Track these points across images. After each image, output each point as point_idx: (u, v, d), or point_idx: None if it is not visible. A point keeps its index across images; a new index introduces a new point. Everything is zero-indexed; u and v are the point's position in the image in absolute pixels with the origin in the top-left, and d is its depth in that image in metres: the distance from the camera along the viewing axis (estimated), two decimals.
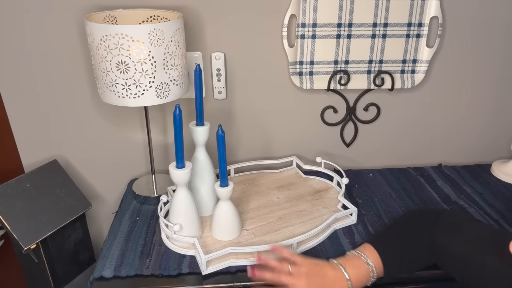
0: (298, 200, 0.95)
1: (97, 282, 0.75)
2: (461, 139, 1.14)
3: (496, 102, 1.10)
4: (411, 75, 1.03)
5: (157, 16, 0.89)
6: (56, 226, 0.92)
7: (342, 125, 1.09)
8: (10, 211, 0.87)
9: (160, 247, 0.82)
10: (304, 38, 0.96)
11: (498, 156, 1.16)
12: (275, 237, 0.82)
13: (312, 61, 0.99)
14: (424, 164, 1.15)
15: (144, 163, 1.09)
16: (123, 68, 0.76)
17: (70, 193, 0.98)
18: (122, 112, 1.02)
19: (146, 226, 0.89)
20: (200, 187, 0.87)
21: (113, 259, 0.79)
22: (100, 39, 0.74)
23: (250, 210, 0.91)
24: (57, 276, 0.98)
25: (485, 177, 1.08)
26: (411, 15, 0.96)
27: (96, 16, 0.84)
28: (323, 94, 1.05)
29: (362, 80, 1.02)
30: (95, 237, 1.14)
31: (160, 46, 0.76)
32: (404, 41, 0.99)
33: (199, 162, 0.86)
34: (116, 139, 1.05)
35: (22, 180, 0.93)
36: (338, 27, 0.96)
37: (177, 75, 0.82)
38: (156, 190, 0.99)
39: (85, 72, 0.97)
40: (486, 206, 0.95)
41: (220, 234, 0.82)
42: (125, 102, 0.79)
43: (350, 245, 0.82)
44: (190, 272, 0.75)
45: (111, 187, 1.11)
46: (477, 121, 1.12)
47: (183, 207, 0.79)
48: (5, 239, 0.99)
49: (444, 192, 1.01)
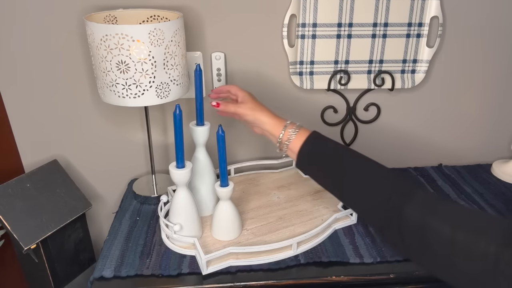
0: (298, 200, 0.95)
1: (97, 282, 0.75)
2: (461, 139, 1.14)
3: (496, 102, 1.10)
4: (411, 75, 1.03)
5: (157, 16, 0.89)
6: (56, 226, 0.92)
7: (342, 125, 1.09)
8: (10, 211, 0.87)
9: (160, 247, 0.82)
10: (304, 38, 0.96)
11: (498, 156, 1.16)
12: (275, 237, 0.82)
13: (312, 61, 0.99)
14: (424, 164, 1.15)
15: (144, 163, 1.09)
16: (123, 68, 0.76)
17: (70, 193, 0.98)
18: (122, 112, 1.02)
19: (146, 226, 0.89)
20: (200, 187, 0.87)
21: (113, 259, 0.79)
22: (100, 39, 0.74)
23: (250, 210, 0.91)
24: (57, 276, 0.98)
25: (486, 177, 1.08)
26: (411, 15, 0.96)
27: (96, 16, 0.84)
28: (323, 94, 1.05)
29: (362, 80, 1.02)
30: (95, 237, 1.14)
31: (160, 46, 0.76)
32: (405, 41, 0.99)
33: (199, 162, 0.86)
34: (116, 139, 1.05)
35: (22, 180, 0.93)
36: (338, 27, 0.96)
37: (177, 75, 0.82)
38: (156, 190, 0.99)
39: (85, 72, 0.97)
40: (487, 206, 0.95)
41: (220, 234, 0.82)
42: (125, 102, 0.79)
43: (350, 245, 0.82)
44: (190, 272, 0.75)
45: (111, 187, 1.11)
46: (477, 121, 1.12)
47: (183, 207, 0.79)
48: (5, 239, 0.99)
49: (445, 192, 1.01)
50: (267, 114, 0.80)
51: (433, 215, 0.61)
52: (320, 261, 0.78)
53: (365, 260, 0.78)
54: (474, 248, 0.56)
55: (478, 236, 0.56)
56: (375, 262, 0.78)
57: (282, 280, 0.75)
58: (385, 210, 0.66)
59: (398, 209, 0.64)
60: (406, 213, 0.63)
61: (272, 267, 0.77)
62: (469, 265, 0.56)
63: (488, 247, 0.54)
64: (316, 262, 0.78)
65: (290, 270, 0.77)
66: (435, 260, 0.60)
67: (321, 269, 0.77)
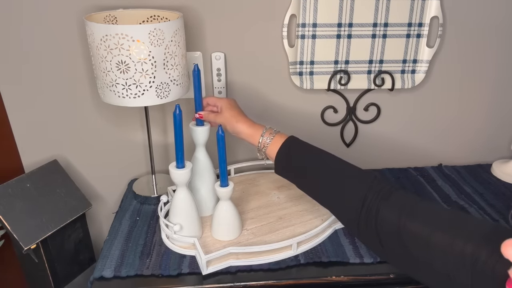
0: (298, 200, 0.95)
1: (97, 282, 0.75)
2: (461, 139, 1.14)
3: (496, 102, 1.10)
4: (411, 75, 1.03)
5: (157, 16, 0.89)
6: (56, 226, 0.92)
7: (342, 125, 1.09)
8: (10, 211, 0.87)
9: (160, 247, 0.82)
10: (304, 38, 0.96)
11: (498, 156, 1.16)
12: (275, 237, 0.82)
13: (312, 61, 0.99)
14: (424, 164, 1.15)
15: (144, 163, 1.09)
16: (123, 68, 0.76)
17: (70, 193, 0.98)
18: (122, 112, 1.02)
19: (146, 226, 0.89)
20: (200, 187, 0.87)
21: (113, 259, 0.79)
22: (100, 39, 0.74)
23: (250, 210, 0.91)
24: (57, 276, 0.98)
25: (486, 177, 1.08)
26: (411, 15, 0.96)
27: (96, 16, 0.84)
28: (323, 94, 1.05)
29: (362, 80, 1.02)
30: (95, 237, 1.14)
31: (160, 46, 0.76)
32: (405, 41, 0.99)
33: (199, 162, 0.86)
34: (116, 139, 1.05)
35: (22, 180, 0.93)
36: (338, 27, 0.96)
37: (177, 75, 0.82)
38: (156, 190, 0.99)
39: (85, 72, 0.97)
40: (487, 206, 0.95)
41: (220, 234, 0.82)
42: (125, 102, 0.79)
43: (350, 245, 0.82)
44: (190, 272, 0.75)
45: (111, 187, 1.11)
46: (477, 121, 1.12)
47: (183, 207, 0.79)
48: (5, 239, 0.99)
49: (445, 192, 1.01)
50: (244, 123, 0.81)
51: (409, 215, 0.61)
52: (320, 261, 0.78)
53: (365, 260, 0.78)
54: (451, 249, 0.55)
55: (455, 236, 0.56)
56: (375, 262, 0.78)
57: (282, 280, 0.75)
58: (362, 211, 0.66)
59: (375, 210, 0.64)
60: (382, 214, 0.63)
61: (272, 267, 0.77)
62: (446, 266, 0.56)
63: (465, 247, 0.54)
64: (316, 262, 0.78)
65: (290, 270, 0.77)
66: (412, 260, 0.60)
67: (321, 269, 0.77)
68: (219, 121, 0.83)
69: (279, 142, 0.77)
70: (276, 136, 0.78)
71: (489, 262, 0.51)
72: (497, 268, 0.50)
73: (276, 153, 0.77)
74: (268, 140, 0.78)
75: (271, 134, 0.79)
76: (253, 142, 0.80)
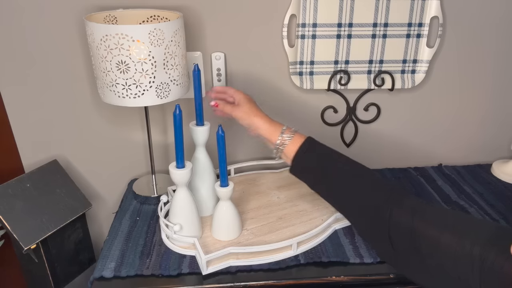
0: (298, 200, 0.95)
1: (97, 282, 0.75)
2: (461, 139, 1.14)
3: (496, 102, 1.10)
4: (411, 75, 1.03)
5: (157, 16, 0.89)
6: (56, 226, 0.92)
7: (342, 125, 1.09)
8: (10, 211, 0.87)
9: (160, 247, 0.82)
10: (304, 38, 0.96)
11: (498, 156, 1.16)
12: (275, 237, 0.82)
13: (312, 61, 0.99)
14: (424, 164, 1.15)
15: (144, 163, 1.09)
16: (123, 68, 0.76)
17: (70, 193, 0.98)
18: (122, 112, 1.02)
19: (146, 226, 0.89)
20: (200, 187, 0.87)
21: (113, 259, 0.79)
22: (100, 39, 0.74)
23: (250, 210, 0.91)
24: (57, 276, 0.98)
25: (486, 177, 1.07)
26: (411, 15, 0.96)
27: (96, 16, 0.84)
28: (323, 94, 1.05)
29: (362, 80, 1.02)
30: (95, 237, 1.14)
31: (160, 46, 0.76)
32: (405, 41, 0.99)
33: (199, 162, 0.86)
34: (116, 139, 1.05)
35: (22, 180, 0.93)
36: (338, 27, 0.96)
37: (177, 75, 0.82)
38: (156, 190, 0.99)
39: (85, 72, 0.97)
40: (487, 206, 0.95)
41: (220, 234, 0.82)
42: (125, 102, 0.79)
43: (350, 245, 0.82)
44: (190, 272, 0.75)
45: (111, 187, 1.11)
46: (477, 121, 1.12)
47: (183, 207, 0.79)
48: (5, 239, 0.99)
49: (445, 192, 1.01)
50: (263, 119, 0.80)
51: (421, 217, 0.63)
52: (320, 261, 0.78)
53: (365, 260, 0.78)
54: (459, 249, 0.56)
55: (463, 237, 0.57)
56: (375, 262, 0.78)
57: (282, 280, 0.75)
58: (376, 215, 0.67)
59: (389, 214, 0.65)
60: (396, 216, 0.65)
61: (272, 267, 0.77)
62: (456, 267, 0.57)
63: (473, 248, 0.55)
64: (316, 262, 0.78)
65: (290, 270, 0.77)
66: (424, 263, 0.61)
67: (321, 269, 0.77)
68: (236, 114, 0.82)
69: (298, 141, 0.76)
70: (295, 135, 0.77)
71: (498, 262, 0.52)
72: (506, 268, 0.51)
73: (296, 152, 0.76)
74: (287, 138, 0.77)
75: (291, 132, 0.78)
76: (271, 139, 0.79)
